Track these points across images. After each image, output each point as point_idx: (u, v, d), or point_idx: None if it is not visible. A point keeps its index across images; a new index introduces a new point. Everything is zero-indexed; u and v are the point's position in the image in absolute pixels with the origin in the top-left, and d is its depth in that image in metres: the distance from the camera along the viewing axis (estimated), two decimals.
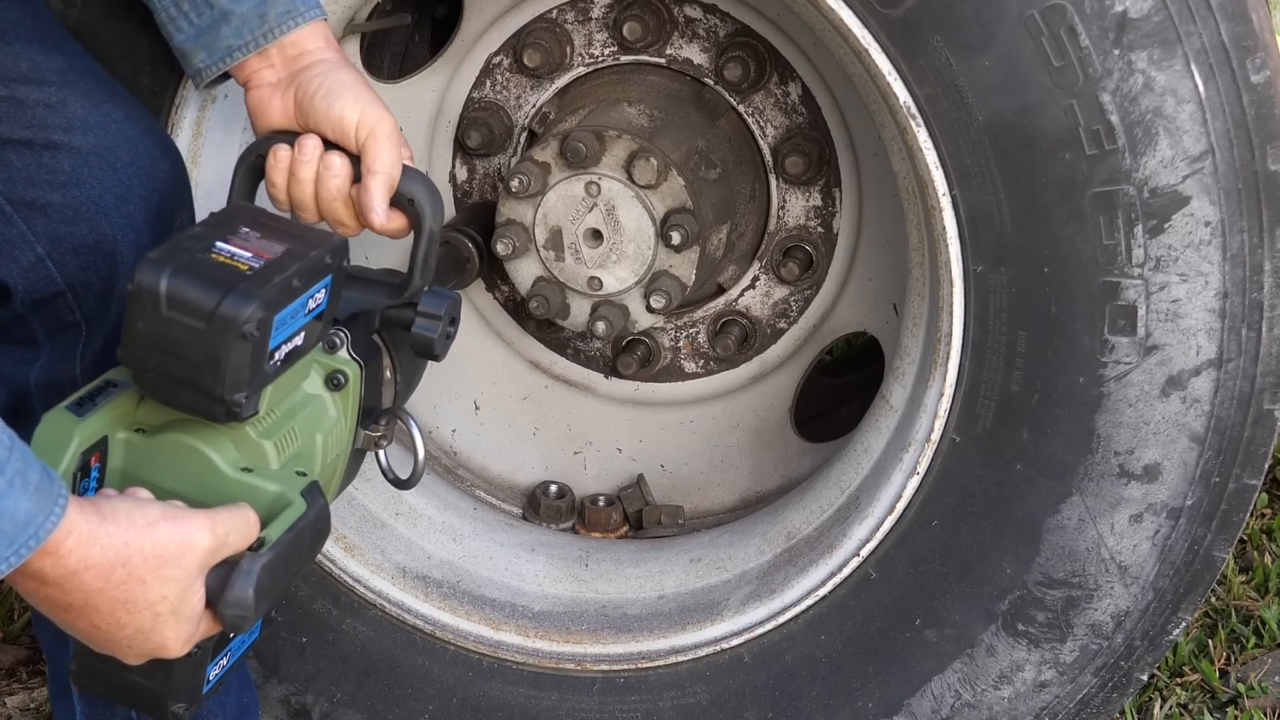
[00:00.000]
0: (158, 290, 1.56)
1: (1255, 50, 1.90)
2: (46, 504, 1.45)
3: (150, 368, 1.61)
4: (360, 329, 1.83)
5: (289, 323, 1.64)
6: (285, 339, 1.64)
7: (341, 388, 1.78)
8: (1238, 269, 1.96)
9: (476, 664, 2.41)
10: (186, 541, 1.51)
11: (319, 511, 1.66)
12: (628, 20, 2.41)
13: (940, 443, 2.14)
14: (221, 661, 1.73)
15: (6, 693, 2.85)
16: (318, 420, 1.77)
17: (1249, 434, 2.04)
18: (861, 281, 2.50)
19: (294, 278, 1.62)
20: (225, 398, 1.59)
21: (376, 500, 2.50)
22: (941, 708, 2.25)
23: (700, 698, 2.35)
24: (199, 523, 1.52)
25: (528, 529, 2.59)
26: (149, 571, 1.49)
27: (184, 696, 1.68)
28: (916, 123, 1.99)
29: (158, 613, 1.51)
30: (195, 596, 1.53)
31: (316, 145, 1.84)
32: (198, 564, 1.52)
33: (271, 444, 1.70)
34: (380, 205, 1.82)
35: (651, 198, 2.28)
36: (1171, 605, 2.14)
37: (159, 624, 1.52)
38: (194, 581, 1.52)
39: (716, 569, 2.43)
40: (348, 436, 1.82)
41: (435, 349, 1.86)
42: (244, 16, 1.87)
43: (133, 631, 1.52)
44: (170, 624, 1.52)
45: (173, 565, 1.50)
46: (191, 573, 1.52)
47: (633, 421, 2.66)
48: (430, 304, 1.86)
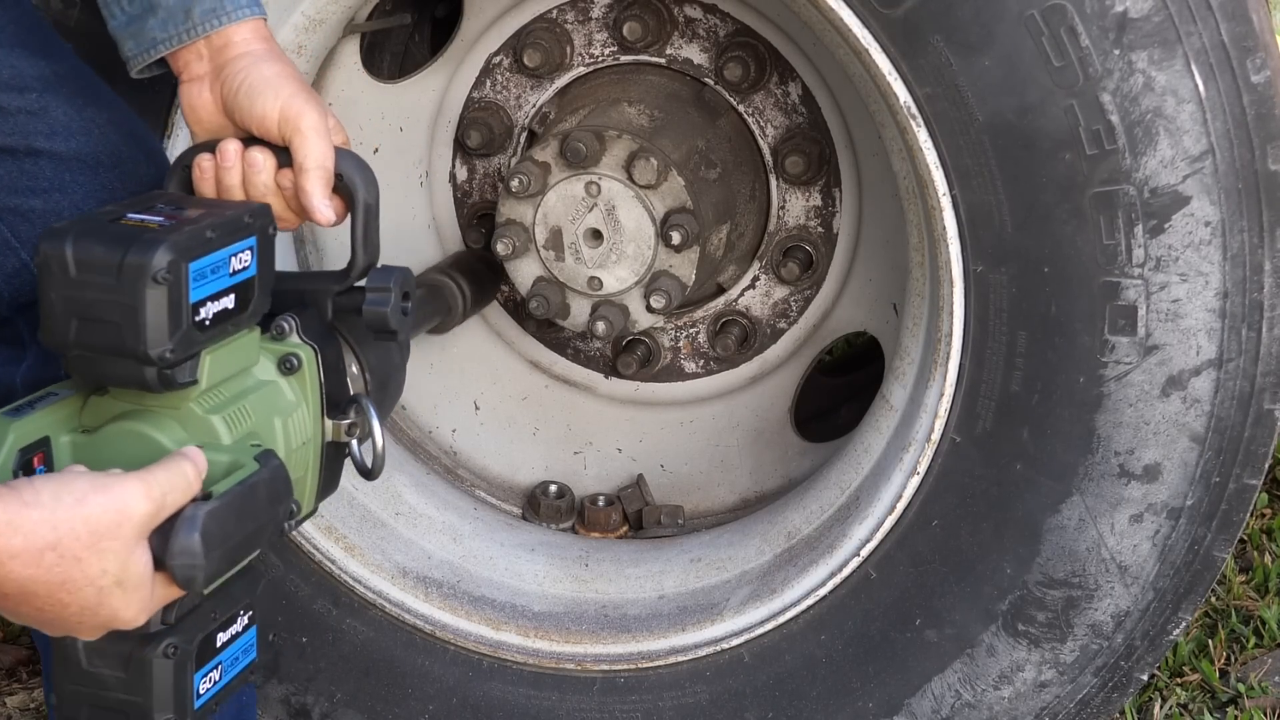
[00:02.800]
0: (64, 255, 1.53)
1: (1255, 50, 1.90)
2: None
3: (73, 342, 1.56)
4: (311, 317, 1.79)
5: (210, 278, 1.59)
6: (209, 296, 1.60)
7: (295, 371, 1.74)
8: (1238, 269, 1.96)
9: (476, 664, 2.41)
10: (120, 510, 1.44)
11: (274, 470, 1.60)
12: (628, 20, 2.41)
13: (940, 443, 2.14)
14: (212, 674, 1.66)
15: (6, 693, 2.85)
16: (273, 403, 1.73)
17: (1249, 434, 2.04)
18: (861, 281, 2.50)
19: (207, 229, 1.59)
20: (150, 354, 1.54)
21: (376, 500, 2.50)
22: (942, 708, 2.24)
23: (700, 698, 2.35)
24: (131, 487, 1.46)
25: (528, 529, 2.59)
26: (83, 549, 1.43)
27: (171, 708, 1.61)
28: (916, 123, 1.99)
29: (100, 587, 1.45)
30: (139, 562, 1.47)
31: (236, 149, 1.79)
32: (135, 530, 1.46)
33: (220, 419, 1.65)
34: (320, 201, 1.78)
35: (651, 198, 2.28)
36: (1171, 605, 2.14)
37: (105, 597, 1.46)
38: (134, 548, 1.46)
39: (716, 569, 2.43)
40: (312, 425, 1.77)
41: (389, 322, 1.81)
42: (170, 10, 1.83)
43: (78, 609, 1.46)
44: (117, 595, 1.46)
45: (109, 538, 1.44)
46: (130, 540, 1.46)
47: (633, 421, 2.65)
48: (377, 279, 1.82)
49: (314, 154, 1.78)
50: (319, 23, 2.27)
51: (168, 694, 1.61)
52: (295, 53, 2.27)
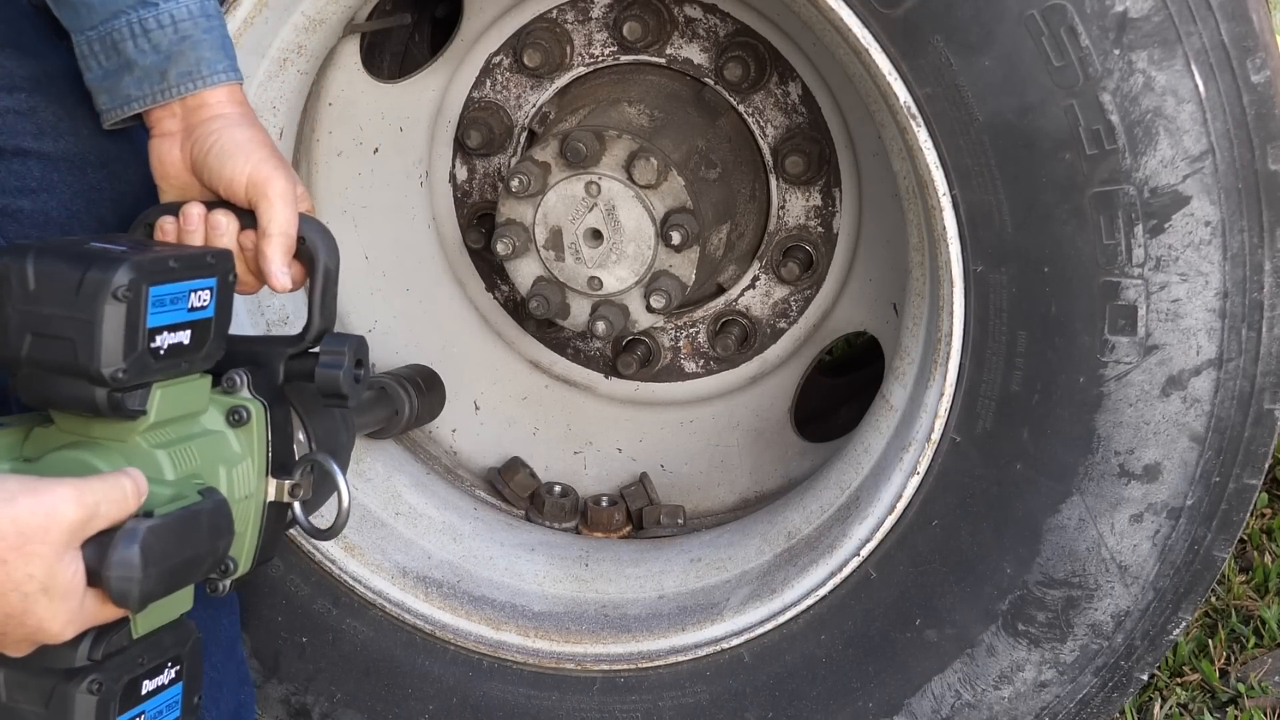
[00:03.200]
0: (25, 269, 1.52)
1: (1255, 50, 1.90)
2: None
3: (24, 359, 1.55)
4: (263, 375, 1.79)
5: (169, 307, 1.59)
6: (166, 325, 1.60)
7: (244, 423, 1.73)
8: (1238, 269, 1.96)
9: (476, 664, 2.41)
10: (49, 514, 1.41)
11: (217, 504, 1.59)
12: (628, 20, 2.41)
13: (940, 442, 2.14)
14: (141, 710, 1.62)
15: None
16: (219, 452, 1.71)
17: (1249, 434, 2.04)
18: (861, 281, 2.50)
19: (170, 260, 1.59)
20: (103, 371, 1.53)
21: (376, 500, 2.50)
22: (942, 708, 2.24)
23: (700, 698, 2.35)
24: (63, 493, 1.43)
25: (528, 529, 2.59)
26: (9, 550, 1.39)
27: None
28: (916, 123, 1.99)
29: (25, 593, 1.42)
30: (68, 571, 1.43)
31: (200, 213, 1.80)
32: (64, 536, 1.43)
33: (165, 454, 1.63)
34: (279, 267, 1.78)
35: (651, 197, 2.28)
36: (1171, 605, 2.14)
37: (30, 605, 1.42)
38: (63, 555, 1.42)
39: (716, 569, 2.43)
40: (256, 480, 1.75)
41: (341, 386, 1.80)
42: (146, 70, 1.84)
43: (3, 617, 1.43)
44: (43, 604, 1.43)
45: (36, 541, 1.41)
46: (58, 546, 1.42)
47: (633, 421, 2.66)
48: (331, 344, 1.82)
49: (278, 220, 1.78)
50: (319, 23, 2.27)
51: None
52: (295, 52, 2.27)
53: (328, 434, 1.88)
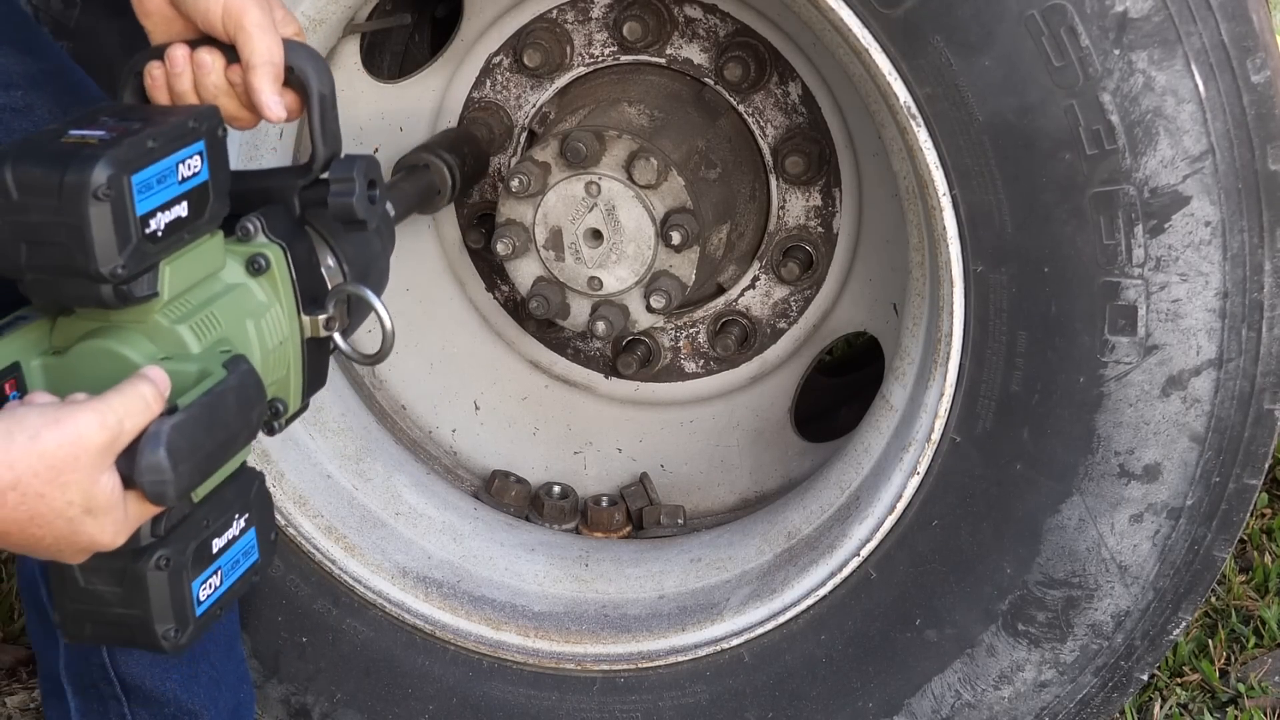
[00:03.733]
0: (5, 179, 1.50)
1: (1255, 50, 1.90)
2: None
3: (25, 266, 1.54)
4: (278, 215, 1.76)
5: (157, 188, 1.57)
6: (159, 206, 1.57)
7: (264, 271, 1.71)
8: (1238, 269, 1.96)
9: (476, 664, 2.41)
10: (75, 442, 1.42)
11: (243, 376, 1.58)
12: (628, 20, 2.41)
13: (940, 443, 2.13)
14: (211, 580, 1.64)
15: (7, 693, 2.85)
16: (243, 306, 1.70)
17: (1249, 434, 2.04)
18: (861, 281, 2.50)
19: (149, 139, 1.56)
20: (101, 271, 1.52)
21: (376, 500, 2.50)
22: (942, 708, 2.24)
23: (700, 698, 2.35)
24: (85, 419, 1.44)
25: (528, 529, 2.59)
26: (44, 485, 1.42)
27: (171, 618, 1.59)
28: (916, 123, 1.99)
29: (70, 518, 1.44)
30: (105, 488, 1.45)
31: (184, 54, 1.75)
32: (93, 460, 1.44)
33: (188, 328, 1.62)
34: (270, 97, 1.73)
35: (651, 198, 2.28)
36: (1171, 605, 2.14)
37: (77, 526, 1.45)
38: (97, 476, 1.44)
39: (716, 569, 2.43)
40: (289, 323, 1.74)
41: (356, 212, 1.78)
42: None
43: (54, 539, 1.46)
44: (89, 523, 1.45)
45: (68, 471, 1.42)
46: (91, 470, 1.44)
47: (633, 421, 2.65)
48: (339, 169, 1.79)
49: (259, 50, 1.73)
50: (319, 23, 2.27)
51: (166, 605, 1.59)
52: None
53: (359, 253, 1.85)
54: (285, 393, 1.74)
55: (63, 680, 2.22)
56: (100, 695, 2.21)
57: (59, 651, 2.22)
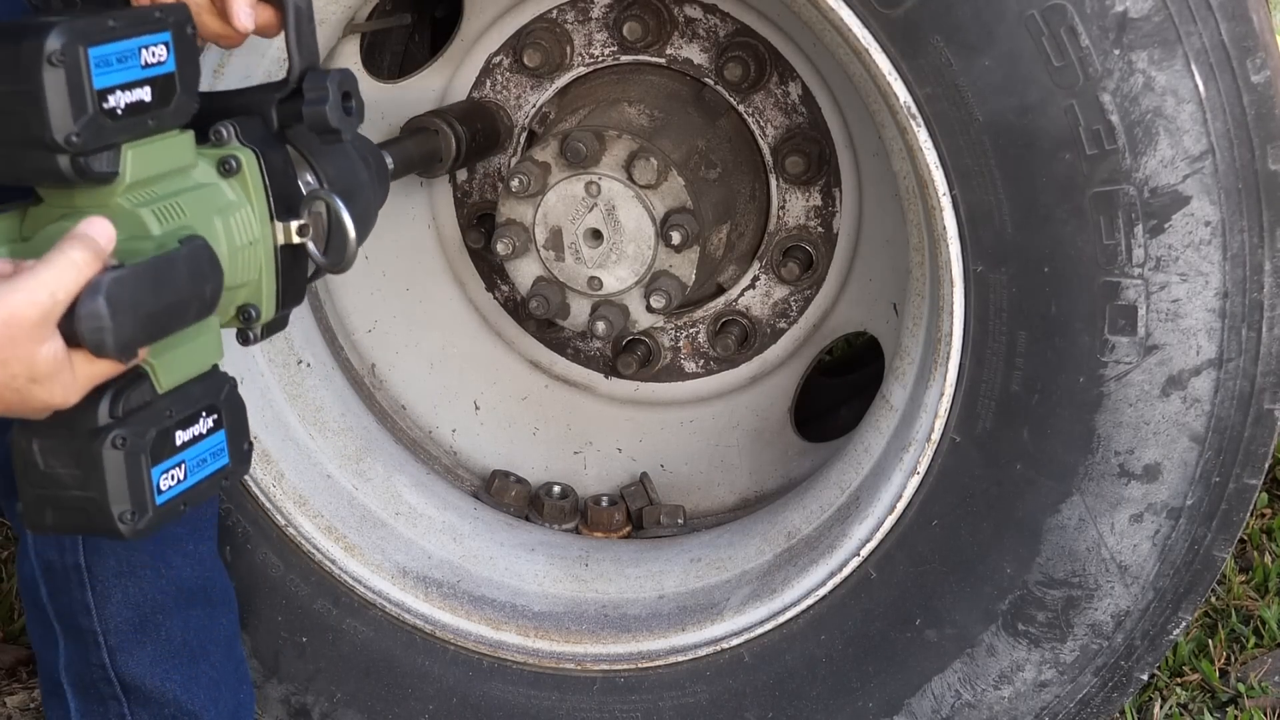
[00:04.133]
0: None
1: (1255, 50, 1.90)
2: None
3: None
4: (252, 125, 1.77)
5: (116, 66, 1.58)
6: (119, 84, 1.58)
7: (235, 172, 1.72)
8: (1238, 269, 1.96)
9: (476, 664, 2.41)
10: (7, 322, 1.43)
11: (195, 249, 1.58)
12: (628, 20, 2.41)
13: (940, 442, 2.14)
14: (174, 472, 1.64)
15: (7, 693, 2.85)
16: (211, 202, 1.71)
17: (1249, 434, 2.04)
18: (861, 281, 2.50)
19: (109, 19, 1.57)
20: (55, 138, 1.53)
21: (376, 500, 2.50)
22: (942, 707, 2.24)
23: (700, 698, 2.35)
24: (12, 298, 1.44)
25: (528, 529, 2.59)
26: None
27: (126, 500, 1.59)
28: (916, 123, 1.99)
29: (17, 389, 1.45)
30: (46, 356, 1.46)
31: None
32: (30, 335, 1.44)
33: (150, 212, 1.63)
34: (242, 8, 1.74)
35: (651, 197, 2.28)
36: (1171, 605, 2.14)
37: (25, 395, 1.46)
38: (36, 347, 1.45)
39: (716, 569, 2.43)
40: (259, 226, 1.75)
41: (330, 121, 1.77)
42: None
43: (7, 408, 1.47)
44: (37, 389, 1.46)
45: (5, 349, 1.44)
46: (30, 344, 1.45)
47: (633, 421, 2.65)
48: (313, 80, 1.79)
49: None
50: (319, 23, 2.26)
51: (122, 486, 1.59)
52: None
53: (340, 173, 1.86)
54: (258, 299, 1.74)
55: (62, 680, 2.22)
56: (100, 696, 2.21)
57: (59, 652, 2.22)
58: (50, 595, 2.19)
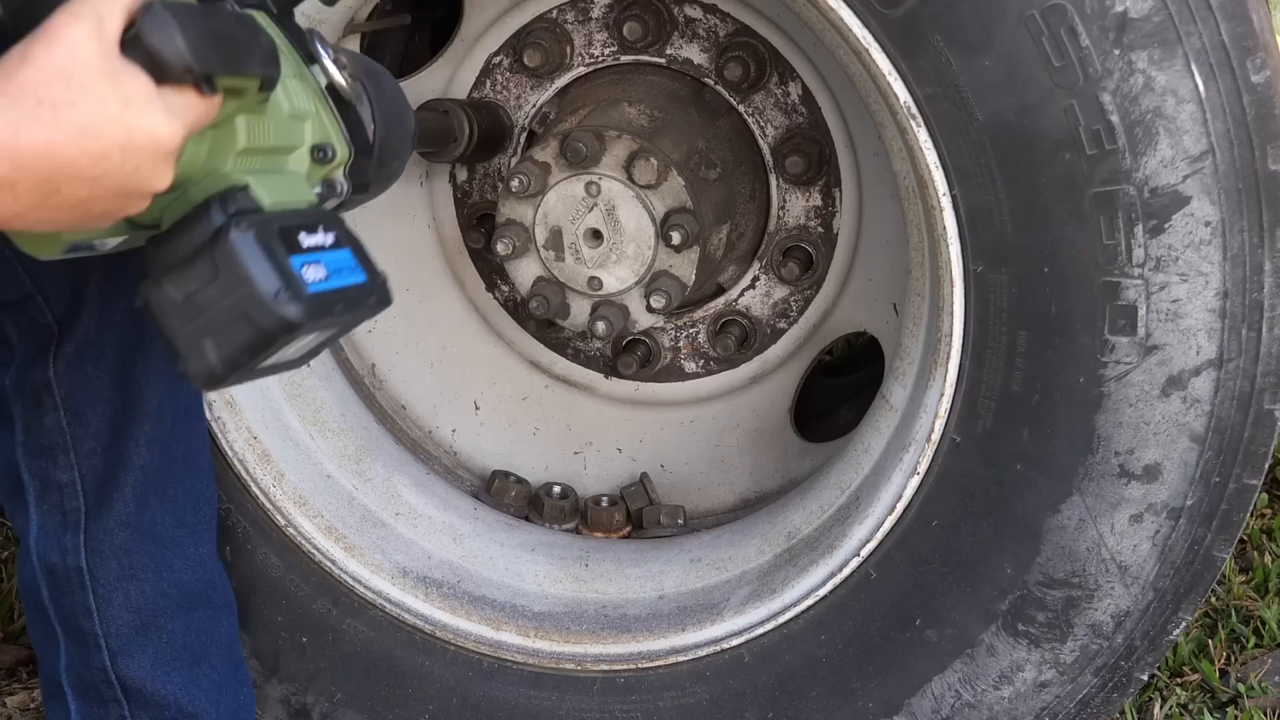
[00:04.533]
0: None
1: (1255, 50, 1.90)
2: None
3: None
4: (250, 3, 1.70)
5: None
6: None
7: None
8: (1238, 269, 1.96)
9: (476, 664, 2.41)
10: (64, 41, 1.34)
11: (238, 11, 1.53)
12: (628, 20, 2.41)
13: (940, 443, 2.13)
14: (313, 268, 1.53)
15: (7, 693, 2.85)
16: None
17: (1249, 434, 2.04)
18: (861, 281, 2.50)
19: None
20: None
21: (376, 500, 2.50)
22: (942, 708, 2.24)
23: (700, 698, 2.35)
24: (61, 20, 1.34)
25: (528, 529, 2.59)
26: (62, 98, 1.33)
27: (277, 280, 1.48)
28: (916, 123, 1.99)
29: (112, 117, 1.36)
30: (129, 79, 1.37)
31: None
32: (94, 53, 1.35)
33: None
34: None
35: (651, 198, 2.28)
36: (1171, 605, 2.14)
37: (126, 126, 1.36)
38: (113, 71, 1.36)
39: (716, 569, 2.43)
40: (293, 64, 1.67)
41: None
42: None
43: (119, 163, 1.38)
44: (135, 115, 1.37)
45: (76, 74, 1.33)
46: (100, 67, 1.35)
47: (633, 421, 2.66)
48: None
49: None
50: (319, 23, 2.27)
51: (265, 269, 1.49)
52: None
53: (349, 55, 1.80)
54: (325, 136, 1.68)
55: (63, 683, 2.22)
56: (101, 698, 2.21)
57: (60, 654, 2.22)
58: (51, 597, 2.19)
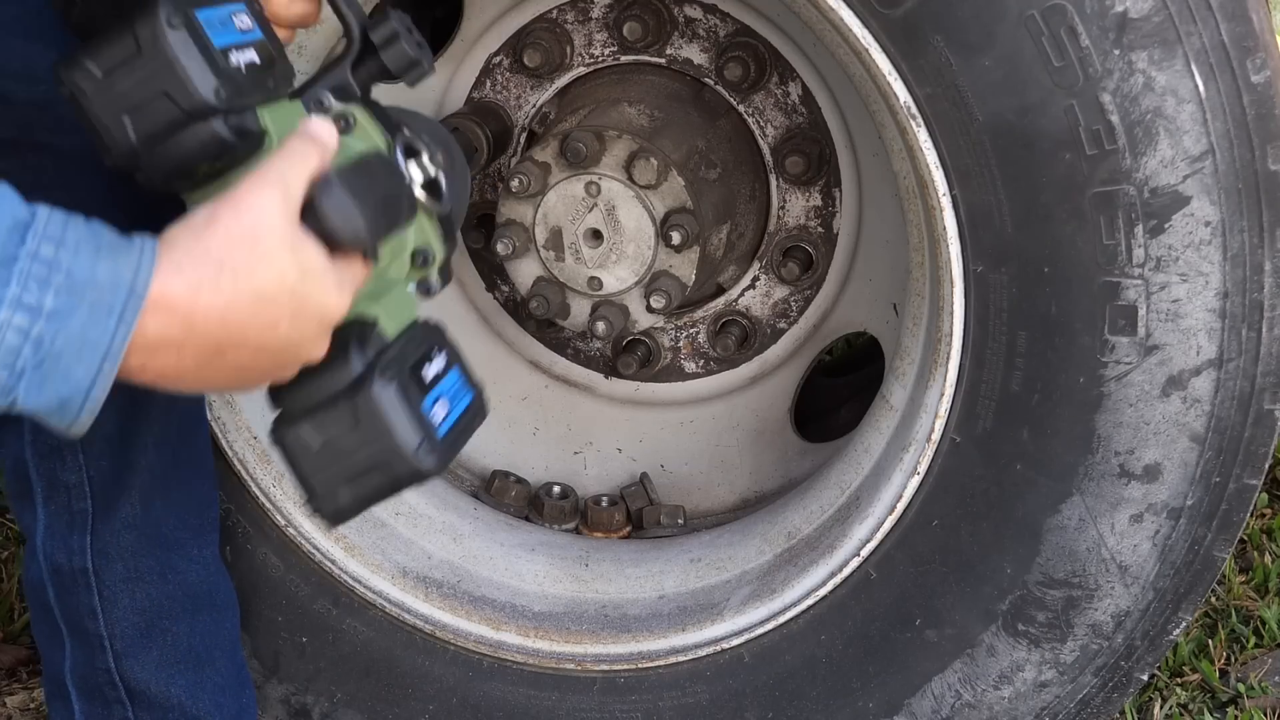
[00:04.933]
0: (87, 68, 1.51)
1: (1255, 50, 1.90)
2: (130, 255, 1.34)
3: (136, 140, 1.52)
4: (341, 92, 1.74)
5: (220, 29, 1.56)
6: (232, 44, 1.57)
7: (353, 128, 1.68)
8: (1238, 269, 1.96)
9: (476, 664, 2.41)
10: (251, 209, 1.39)
11: (374, 150, 1.59)
12: (628, 20, 2.41)
13: (940, 443, 2.14)
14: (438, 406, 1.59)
15: (6, 693, 2.85)
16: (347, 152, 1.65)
17: (1249, 434, 2.04)
18: (861, 281, 2.50)
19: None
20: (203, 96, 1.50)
21: None
22: (942, 708, 2.24)
23: (700, 698, 2.35)
24: (250, 188, 1.39)
25: (528, 529, 2.59)
26: (244, 265, 1.37)
27: (417, 430, 1.54)
28: (916, 123, 1.99)
29: (289, 288, 1.40)
30: (308, 251, 1.41)
31: None
32: (280, 223, 1.40)
33: None
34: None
35: (651, 198, 2.28)
36: (1172, 605, 2.14)
37: (300, 297, 1.41)
38: (294, 242, 1.40)
39: (716, 569, 2.43)
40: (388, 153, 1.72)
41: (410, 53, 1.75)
42: None
43: (285, 333, 1.42)
44: (310, 287, 1.42)
45: (261, 242, 1.38)
46: (284, 236, 1.40)
47: (633, 421, 2.65)
48: (375, 28, 1.76)
49: None
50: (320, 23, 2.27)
51: (406, 421, 1.55)
52: (295, 53, 2.27)
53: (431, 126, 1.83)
54: (425, 240, 1.70)
55: (68, 684, 2.22)
56: (105, 699, 2.20)
57: (65, 654, 2.21)
58: (58, 597, 2.19)
